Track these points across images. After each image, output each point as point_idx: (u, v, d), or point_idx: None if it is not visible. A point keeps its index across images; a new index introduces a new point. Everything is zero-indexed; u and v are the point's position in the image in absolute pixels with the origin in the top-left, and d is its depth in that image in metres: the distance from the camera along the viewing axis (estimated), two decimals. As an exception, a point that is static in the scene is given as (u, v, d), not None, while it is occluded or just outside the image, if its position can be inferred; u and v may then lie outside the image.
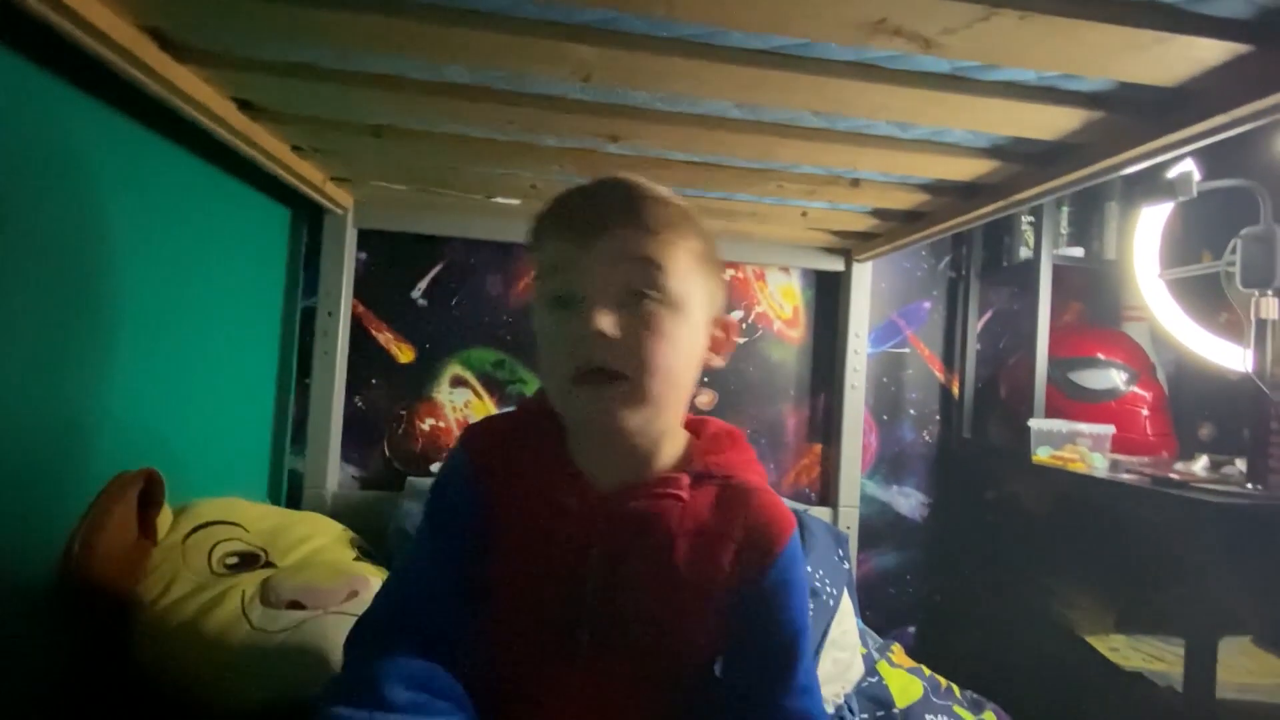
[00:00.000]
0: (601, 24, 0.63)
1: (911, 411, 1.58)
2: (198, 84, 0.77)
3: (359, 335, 1.38)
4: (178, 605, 0.87)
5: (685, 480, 0.59)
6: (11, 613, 0.71)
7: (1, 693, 0.70)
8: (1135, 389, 1.32)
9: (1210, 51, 0.60)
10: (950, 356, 1.59)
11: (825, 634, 1.05)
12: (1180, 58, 0.61)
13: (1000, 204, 0.99)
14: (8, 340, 0.68)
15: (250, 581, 0.94)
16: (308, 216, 1.34)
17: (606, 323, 0.52)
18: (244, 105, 0.86)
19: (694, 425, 0.66)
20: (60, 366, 0.75)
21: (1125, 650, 1.14)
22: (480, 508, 0.60)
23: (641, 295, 0.53)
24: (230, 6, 0.62)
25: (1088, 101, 0.72)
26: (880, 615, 1.52)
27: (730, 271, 1.51)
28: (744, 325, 1.52)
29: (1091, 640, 1.19)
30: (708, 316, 0.59)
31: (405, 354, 1.41)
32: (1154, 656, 1.11)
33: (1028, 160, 0.89)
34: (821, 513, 1.42)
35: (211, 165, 1.02)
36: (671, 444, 0.61)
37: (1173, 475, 1.07)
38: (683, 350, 0.56)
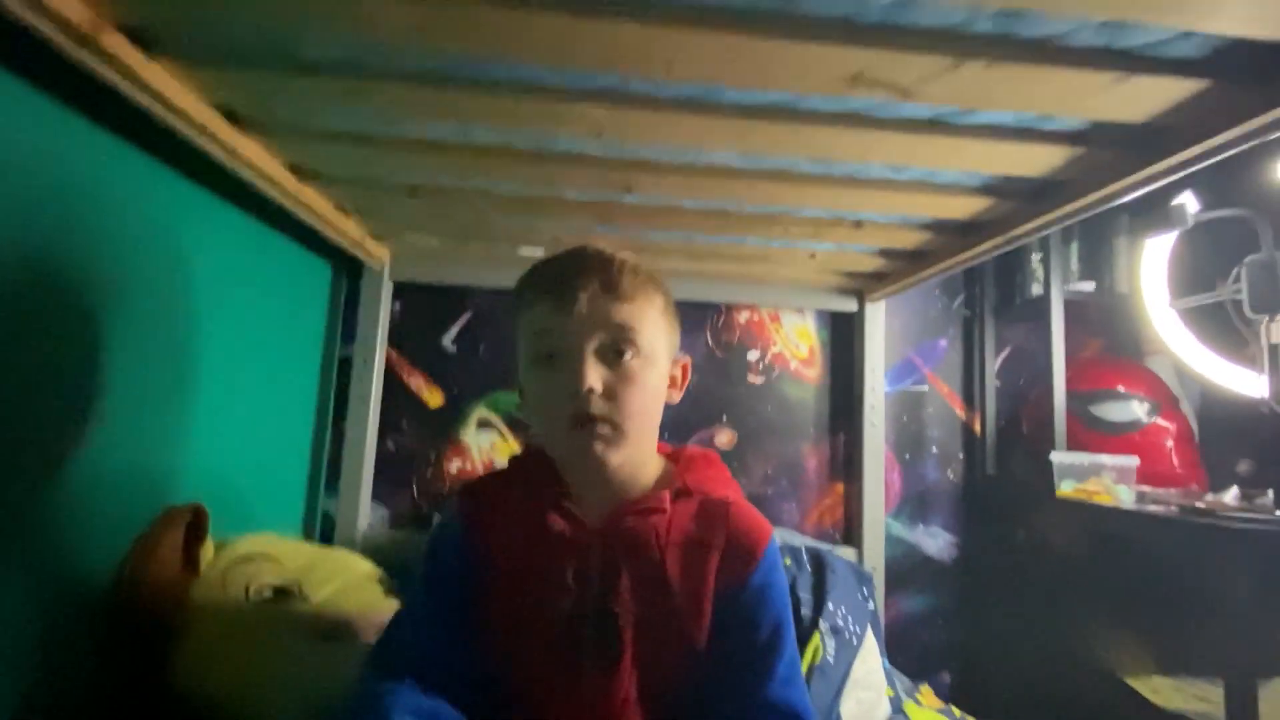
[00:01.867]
0: (612, 88, 0.71)
1: (934, 450, 1.58)
2: (259, 152, 0.87)
3: (391, 381, 1.45)
4: (215, 634, 0.91)
5: (666, 496, 0.66)
6: (65, 640, 0.76)
7: (52, 715, 0.74)
8: (1158, 420, 1.31)
9: (1170, 90, 0.64)
10: (970, 394, 1.60)
11: (848, 673, 1.04)
12: (1144, 96, 0.66)
13: (1000, 240, 1.03)
14: (70, 385, 0.75)
15: (284, 613, 0.98)
16: (347, 271, 1.44)
17: (594, 379, 0.61)
18: (296, 170, 0.96)
19: (674, 453, 0.73)
20: (116, 408, 0.82)
21: (1167, 692, 1.10)
22: (473, 561, 0.66)
23: (619, 352, 0.62)
24: (282, 83, 0.72)
25: (1067, 139, 0.77)
26: (912, 660, 1.48)
27: (745, 313, 1.56)
28: (761, 365, 1.56)
29: (1132, 682, 1.14)
30: (670, 359, 0.68)
31: (435, 398, 1.48)
32: (1199, 697, 1.06)
33: (1020, 197, 0.94)
34: (846, 553, 1.41)
35: (263, 224, 1.12)
36: (649, 470, 0.69)
37: (1200, 505, 1.06)
38: (652, 393, 0.65)
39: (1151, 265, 1.30)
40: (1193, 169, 0.75)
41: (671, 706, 0.63)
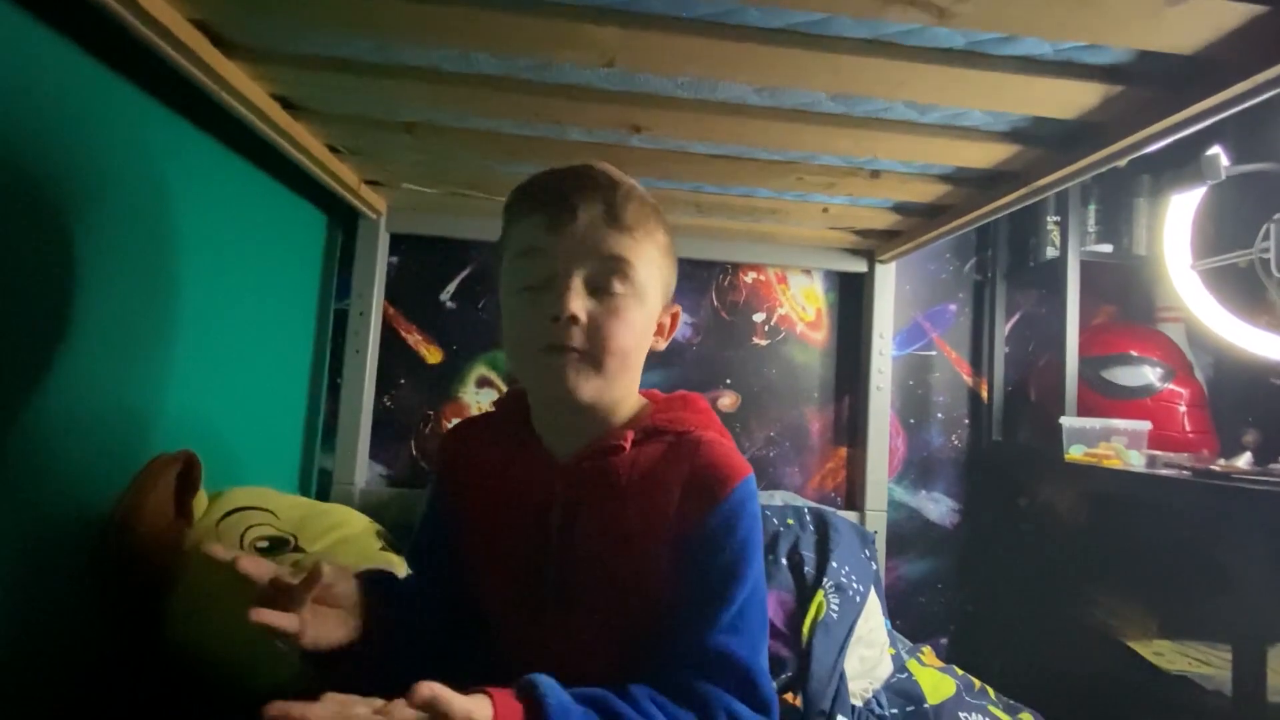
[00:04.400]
0: (623, 6, 0.66)
1: (939, 415, 1.56)
2: (245, 80, 0.81)
3: (389, 337, 1.42)
4: (208, 584, 0.89)
5: (629, 435, 0.62)
6: (51, 586, 0.73)
7: (39, 666, 0.72)
8: (1171, 385, 1.29)
9: (1225, 15, 0.60)
10: (978, 359, 1.57)
11: (851, 630, 1.03)
12: (1197, 22, 0.61)
13: (1022, 191, 0.98)
14: (61, 328, 0.72)
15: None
16: (343, 221, 1.39)
17: (578, 307, 0.56)
18: (285, 104, 0.91)
19: (657, 396, 0.70)
20: (107, 354, 0.79)
21: (1170, 655, 1.09)
22: (448, 492, 0.69)
23: (610, 284, 0.58)
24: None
25: (1106, 75, 0.72)
26: (911, 624, 1.48)
27: (751, 274, 1.52)
28: (766, 327, 1.52)
29: (1134, 646, 1.14)
30: (662, 303, 0.65)
31: (433, 355, 1.44)
32: (1201, 660, 1.06)
33: (1048, 143, 0.89)
34: (847, 517, 1.40)
35: (258, 169, 1.07)
36: (622, 411, 0.65)
37: (1214, 469, 1.04)
38: (638, 332, 0.61)
39: (1175, 224, 1.25)
40: (1237, 108, 0.70)
41: (636, 649, 0.59)
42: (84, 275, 0.74)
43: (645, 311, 0.61)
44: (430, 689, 0.42)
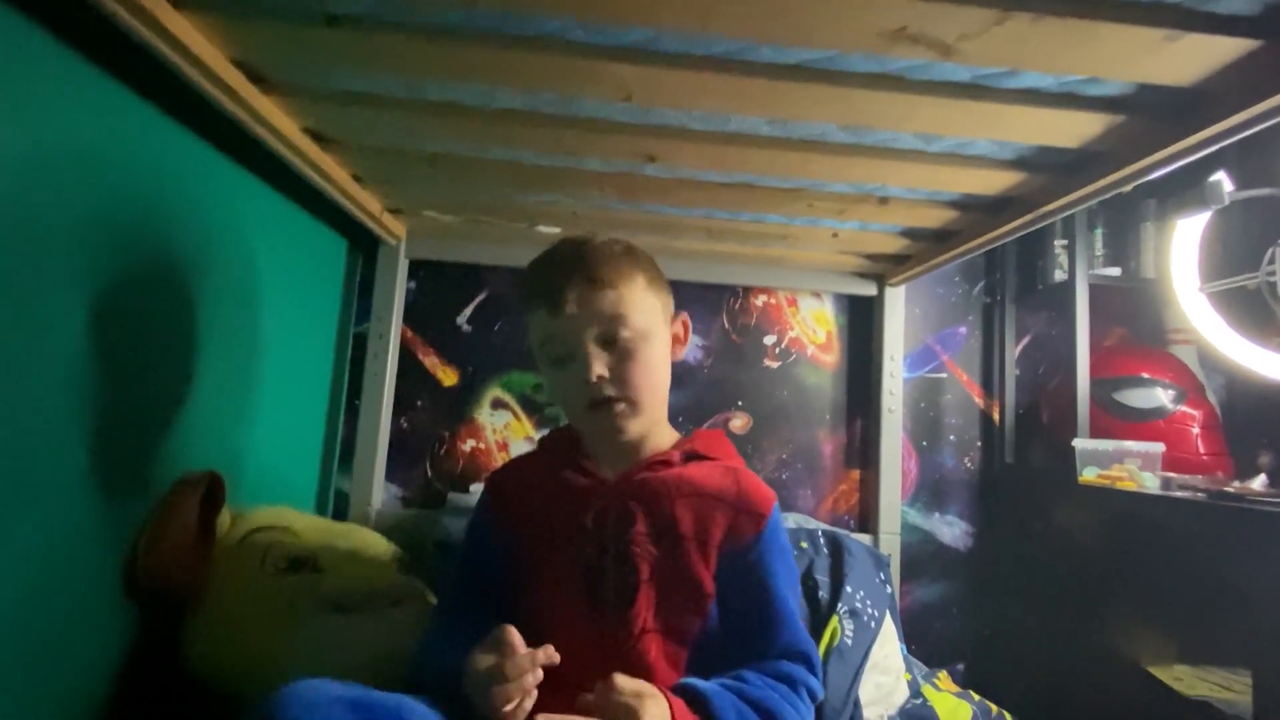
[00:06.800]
0: (642, 44, 0.69)
1: (951, 437, 1.56)
2: (278, 114, 0.85)
3: (407, 360, 1.45)
4: (230, 602, 0.91)
5: (676, 455, 0.75)
6: (76, 604, 0.75)
7: (62, 682, 0.74)
8: (1184, 407, 1.29)
9: (1220, 50, 0.62)
10: (989, 382, 1.58)
11: (866, 656, 1.02)
12: (1192, 57, 0.64)
13: (1029, 217, 1.00)
14: (85, 349, 0.74)
15: (299, 584, 0.97)
16: (363, 247, 1.43)
17: (599, 368, 0.69)
18: (315, 136, 0.95)
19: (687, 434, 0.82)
20: (128, 376, 0.81)
21: (1190, 680, 1.08)
22: (500, 523, 0.77)
23: (616, 335, 0.70)
24: (306, 38, 0.70)
25: (1108, 106, 0.75)
26: (927, 649, 1.47)
27: (762, 297, 1.54)
28: (777, 350, 1.54)
29: (1154, 670, 1.13)
30: (666, 324, 0.76)
31: (449, 377, 1.47)
32: (1222, 686, 1.04)
33: (1053, 171, 0.92)
34: (861, 540, 1.39)
35: (282, 196, 1.11)
36: (659, 435, 0.77)
37: (1229, 490, 1.04)
38: (655, 363, 0.72)
39: (1181, 248, 1.27)
40: (1235, 138, 0.72)
41: (684, 637, 0.69)
42: (107, 296, 0.76)
43: (652, 344, 0.72)
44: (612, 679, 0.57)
